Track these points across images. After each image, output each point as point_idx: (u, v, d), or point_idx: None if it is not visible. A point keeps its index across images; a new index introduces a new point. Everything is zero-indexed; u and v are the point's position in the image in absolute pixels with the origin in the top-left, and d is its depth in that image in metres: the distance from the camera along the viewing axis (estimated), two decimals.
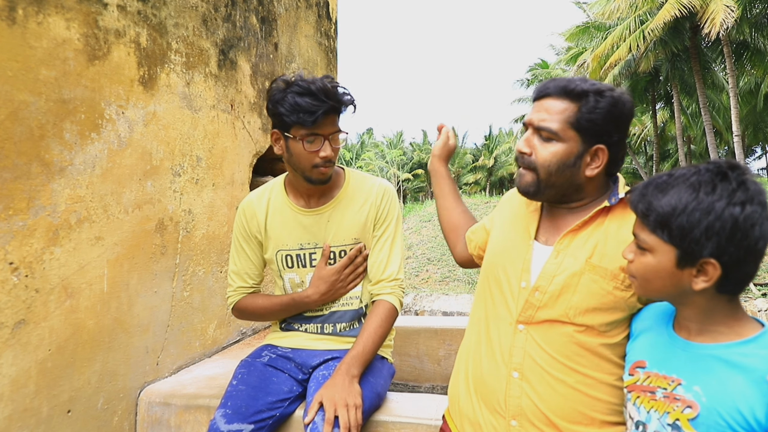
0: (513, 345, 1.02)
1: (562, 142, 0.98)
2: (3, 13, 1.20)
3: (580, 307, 0.97)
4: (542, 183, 1.01)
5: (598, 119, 0.96)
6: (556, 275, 1.00)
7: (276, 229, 1.44)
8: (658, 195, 0.81)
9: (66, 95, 1.37)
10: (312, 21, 2.86)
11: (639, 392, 0.88)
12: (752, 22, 13.09)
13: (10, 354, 1.23)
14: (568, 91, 0.98)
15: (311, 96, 1.27)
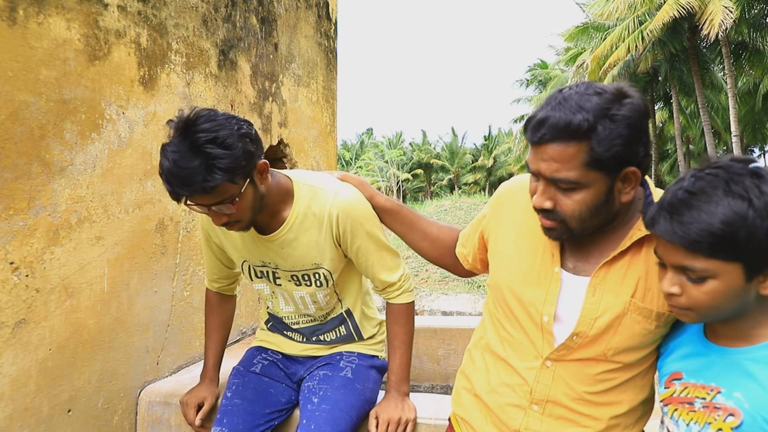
0: (537, 381, 0.94)
1: (586, 189, 0.83)
2: (4, 13, 1.20)
3: (619, 348, 0.90)
4: (576, 230, 0.88)
5: (618, 149, 0.80)
6: (598, 317, 0.89)
7: (236, 244, 1.31)
8: (705, 216, 0.71)
9: (66, 95, 1.37)
10: (312, 21, 2.86)
11: (676, 405, 0.84)
12: (751, 23, 13.09)
13: (11, 353, 1.22)
14: (572, 132, 0.80)
15: (165, 176, 1.01)
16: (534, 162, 0.86)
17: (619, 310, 0.89)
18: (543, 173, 0.85)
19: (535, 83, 26.83)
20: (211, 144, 1.00)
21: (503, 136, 40.82)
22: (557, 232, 0.90)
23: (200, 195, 1.03)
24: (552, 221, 0.88)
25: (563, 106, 0.82)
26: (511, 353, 0.99)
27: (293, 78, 2.66)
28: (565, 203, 0.85)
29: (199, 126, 1.00)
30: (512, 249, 1.00)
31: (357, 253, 1.29)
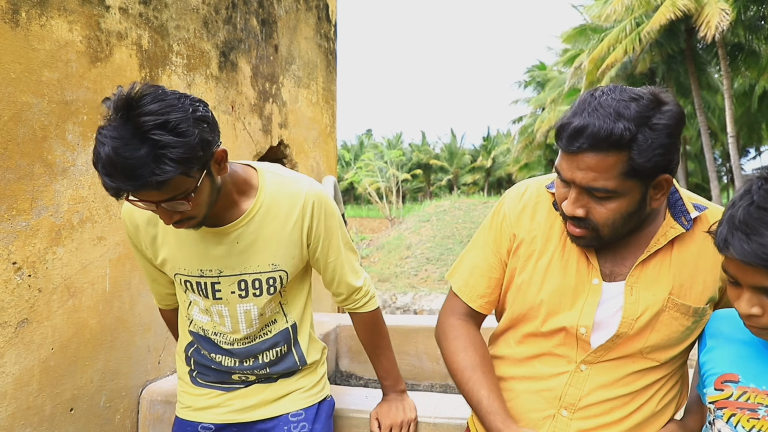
0: (569, 385, 0.91)
1: (621, 197, 0.81)
2: (6, 15, 1.20)
3: (656, 345, 0.89)
4: (606, 237, 0.86)
5: (658, 159, 0.78)
6: (639, 317, 0.88)
7: (169, 249, 1.07)
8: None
9: (68, 97, 1.37)
10: (312, 23, 2.86)
11: (734, 409, 0.80)
12: (747, 25, 13.12)
13: (14, 353, 1.23)
14: (613, 142, 0.76)
15: (102, 166, 0.82)
16: (569, 170, 0.81)
17: (658, 307, 0.88)
18: (579, 182, 0.81)
19: (533, 84, 26.85)
20: (160, 129, 0.81)
21: (502, 137, 40.86)
22: (587, 240, 0.87)
23: (148, 191, 0.84)
24: (582, 229, 0.86)
25: (599, 113, 0.77)
26: (537, 366, 0.94)
27: (293, 79, 2.66)
28: (599, 211, 0.83)
29: (145, 107, 0.81)
30: (544, 264, 0.93)
31: (327, 251, 1.14)
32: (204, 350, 1.17)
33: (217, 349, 1.16)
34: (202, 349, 1.18)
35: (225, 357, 1.16)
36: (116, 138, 0.80)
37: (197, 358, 1.20)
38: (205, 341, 1.17)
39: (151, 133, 0.80)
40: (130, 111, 0.81)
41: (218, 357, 1.17)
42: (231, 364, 1.16)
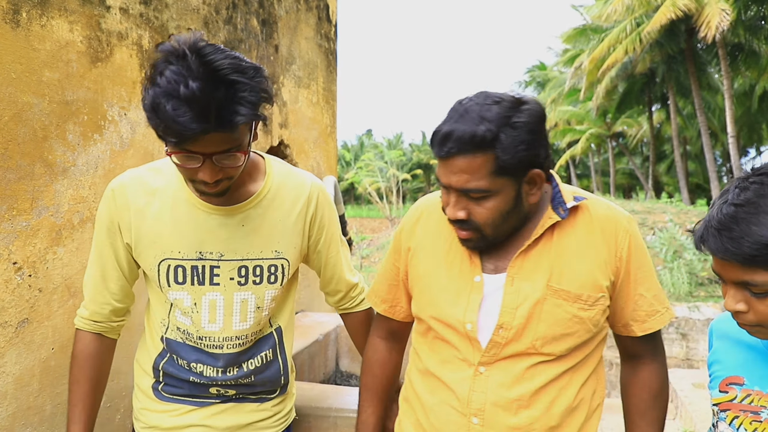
0: (472, 390, 0.92)
1: (496, 195, 0.86)
2: (7, 15, 1.20)
3: (547, 336, 0.90)
4: (491, 237, 0.90)
5: (522, 154, 0.83)
6: (519, 305, 0.90)
7: (162, 229, 0.99)
8: (756, 229, 0.68)
9: (69, 97, 1.37)
10: (312, 23, 2.86)
11: (737, 411, 0.80)
12: (747, 25, 13.10)
13: (14, 353, 1.23)
14: (477, 143, 0.82)
15: (179, 104, 0.78)
16: (444, 175, 0.87)
17: (538, 295, 0.90)
18: (454, 185, 0.86)
19: (533, 84, 26.85)
20: (237, 73, 0.81)
21: None
22: (474, 242, 0.91)
23: (221, 132, 0.82)
24: (468, 231, 0.90)
25: (465, 119, 0.83)
26: (443, 369, 0.96)
27: (294, 79, 2.66)
28: (479, 212, 0.87)
29: (219, 52, 0.81)
30: (431, 266, 0.99)
31: (329, 245, 1.12)
32: (182, 360, 1.05)
33: (201, 356, 1.04)
34: (179, 359, 1.05)
35: (208, 366, 1.05)
36: (197, 77, 0.78)
37: (171, 370, 1.06)
38: (186, 349, 1.04)
39: (230, 75, 0.80)
40: (203, 54, 0.80)
41: (199, 366, 1.05)
42: (213, 374, 1.05)
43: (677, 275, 7.84)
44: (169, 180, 1.00)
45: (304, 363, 2.17)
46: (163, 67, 0.81)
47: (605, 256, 0.92)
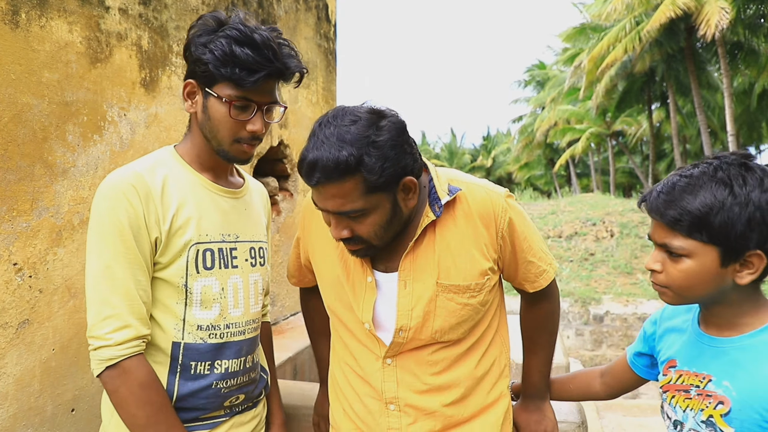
0: (383, 380, 0.99)
1: (374, 211, 0.89)
2: (6, 16, 1.20)
3: (444, 328, 0.97)
4: (379, 246, 0.95)
5: (389, 170, 0.85)
6: (413, 307, 0.96)
7: (189, 214, 0.97)
8: (687, 197, 0.76)
9: (68, 98, 1.37)
10: (311, 23, 2.86)
11: (673, 392, 0.86)
12: (746, 23, 13.08)
13: (15, 353, 1.23)
14: (342, 170, 0.83)
15: (254, 48, 0.91)
16: (320, 201, 0.90)
17: (430, 294, 0.96)
18: (331, 210, 0.89)
19: (533, 84, 26.81)
20: (280, 37, 1.01)
21: (501, 136, 40.85)
22: (363, 252, 0.95)
23: (275, 81, 1.00)
24: (355, 245, 0.94)
25: (326, 145, 0.84)
26: (360, 362, 1.03)
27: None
28: (361, 228, 0.91)
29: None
30: (327, 266, 1.06)
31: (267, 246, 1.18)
32: (202, 365, 0.98)
33: (225, 350, 1.00)
34: (198, 365, 0.97)
35: (233, 360, 1.02)
36: (262, 31, 0.94)
37: (186, 387, 0.97)
38: (208, 348, 0.98)
39: (278, 38, 0.97)
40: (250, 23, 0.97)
41: (224, 363, 1.00)
42: (237, 368, 1.02)
43: None
44: (171, 168, 0.99)
45: (304, 363, 2.17)
46: (217, 24, 0.95)
47: (487, 239, 0.98)
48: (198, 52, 0.94)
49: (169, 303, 0.96)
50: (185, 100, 1.00)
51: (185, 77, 1.00)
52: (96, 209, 0.92)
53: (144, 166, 0.98)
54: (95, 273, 0.90)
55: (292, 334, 2.35)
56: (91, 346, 0.90)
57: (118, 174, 0.95)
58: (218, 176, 1.05)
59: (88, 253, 0.91)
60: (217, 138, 0.98)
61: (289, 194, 2.69)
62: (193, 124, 1.02)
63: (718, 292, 0.79)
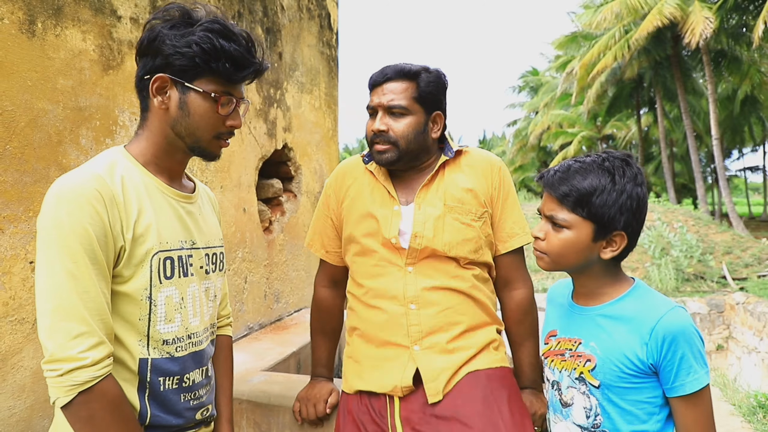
0: (405, 285, 1.14)
1: (411, 116, 1.13)
2: (23, 26, 1.21)
3: (451, 242, 1.14)
4: (402, 151, 1.14)
5: (432, 89, 1.14)
6: (426, 221, 1.15)
7: (149, 220, 0.85)
8: (578, 177, 0.88)
9: (82, 103, 1.37)
10: (314, 31, 2.86)
11: (552, 357, 0.98)
12: (729, 32, 13.10)
13: (31, 348, 1.23)
14: (406, 74, 1.13)
15: (239, 44, 0.87)
16: (377, 97, 1.15)
17: (439, 212, 1.15)
18: (384, 103, 1.13)
19: (527, 89, 26.82)
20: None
21: (497, 139, 40.86)
22: (389, 154, 1.14)
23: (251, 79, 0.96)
24: (386, 144, 1.14)
25: (398, 65, 1.16)
26: (379, 281, 1.16)
27: (297, 85, 2.66)
28: (396, 126, 1.13)
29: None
30: (360, 205, 1.22)
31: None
32: (170, 380, 0.87)
33: (190, 361, 0.91)
34: (166, 381, 0.87)
35: (197, 371, 0.92)
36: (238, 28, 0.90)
37: (157, 405, 0.86)
38: (175, 363, 0.88)
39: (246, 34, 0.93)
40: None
41: (192, 375, 0.91)
42: (201, 378, 0.93)
43: (665, 271, 7.84)
44: (126, 171, 0.86)
45: (307, 357, 2.18)
46: (187, 17, 0.87)
47: (483, 187, 1.19)
48: (177, 45, 0.84)
49: (131, 318, 0.83)
50: (153, 96, 0.86)
51: (146, 72, 0.86)
52: (53, 216, 0.76)
53: (101, 167, 0.83)
54: (58, 287, 0.75)
55: (296, 330, 2.35)
56: (57, 372, 0.73)
57: (76, 177, 0.79)
58: (173, 179, 0.94)
59: (44, 266, 0.76)
60: (196, 135, 0.89)
61: (293, 195, 2.69)
62: (155, 121, 0.89)
63: (585, 262, 0.91)
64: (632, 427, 0.87)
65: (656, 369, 0.85)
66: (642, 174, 0.91)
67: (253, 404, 1.60)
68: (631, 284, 0.93)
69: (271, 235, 2.45)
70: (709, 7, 12.41)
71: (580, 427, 0.92)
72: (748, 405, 3.47)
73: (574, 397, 0.92)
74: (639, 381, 0.86)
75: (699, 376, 0.83)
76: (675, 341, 0.83)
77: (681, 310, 0.86)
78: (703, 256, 8.58)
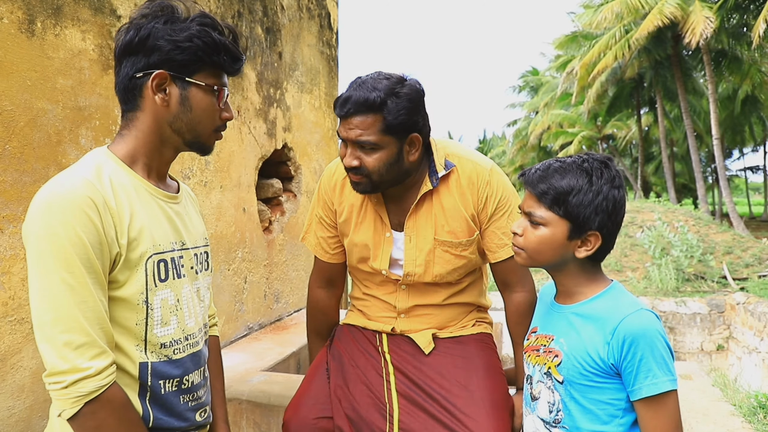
0: (397, 299, 1.24)
1: (382, 149, 1.08)
2: (23, 25, 1.20)
3: (442, 272, 1.19)
4: (377, 182, 1.11)
5: (403, 118, 1.06)
6: (417, 257, 1.18)
7: (142, 222, 0.83)
8: (557, 176, 0.90)
9: (81, 103, 1.37)
10: (314, 31, 2.86)
11: (530, 352, 1.01)
12: (730, 32, 13.07)
13: (31, 348, 1.23)
14: (369, 106, 1.04)
15: (233, 39, 0.88)
16: (344, 131, 1.09)
17: (429, 246, 1.18)
18: (351, 138, 1.08)
19: (527, 89, 26.80)
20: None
21: (497, 139, 40.85)
22: (363, 186, 1.12)
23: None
24: (359, 176, 1.11)
25: (362, 88, 1.06)
26: (377, 290, 1.26)
27: (297, 85, 2.66)
28: (368, 161, 1.08)
29: None
30: (358, 225, 1.23)
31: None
32: (170, 382, 0.87)
33: (189, 363, 0.90)
34: (166, 384, 0.86)
35: (195, 372, 0.92)
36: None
37: (159, 409, 0.85)
38: (175, 366, 0.87)
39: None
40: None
41: (191, 377, 0.90)
42: (199, 379, 0.93)
43: (665, 271, 7.84)
44: (114, 173, 0.83)
45: (306, 358, 2.18)
46: (171, 12, 0.85)
47: (472, 202, 1.18)
48: (178, 40, 0.82)
49: (128, 324, 0.82)
50: (154, 93, 0.84)
51: (138, 70, 0.83)
52: (45, 225, 0.73)
53: (89, 171, 0.80)
54: (55, 299, 0.73)
55: (295, 330, 2.35)
56: (61, 384, 0.72)
57: (65, 183, 0.77)
58: (159, 180, 0.91)
59: (39, 277, 0.73)
60: (197, 130, 0.88)
61: (292, 195, 2.69)
62: (147, 120, 0.86)
63: (561, 260, 0.93)
64: (592, 427, 0.88)
65: (618, 370, 0.86)
66: (620, 177, 0.93)
67: (253, 404, 1.60)
68: (607, 285, 0.94)
69: (270, 235, 2.45)
70: (710, 6, 12.38)
71: (543, 420, 0.94)
72: (749, 405, 3.46)
73: (541, 392, 0.95)
74: (601, 380, 0.87)
75: (659, 380, 0.83)
76: (635, 343, 0.84)
77: (647, 313, 0.87)
78: (704, 256, 8.58)
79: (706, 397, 3.62)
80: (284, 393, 1.59)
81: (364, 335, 1.28)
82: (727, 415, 3.21)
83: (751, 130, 19.53)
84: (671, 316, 6.48)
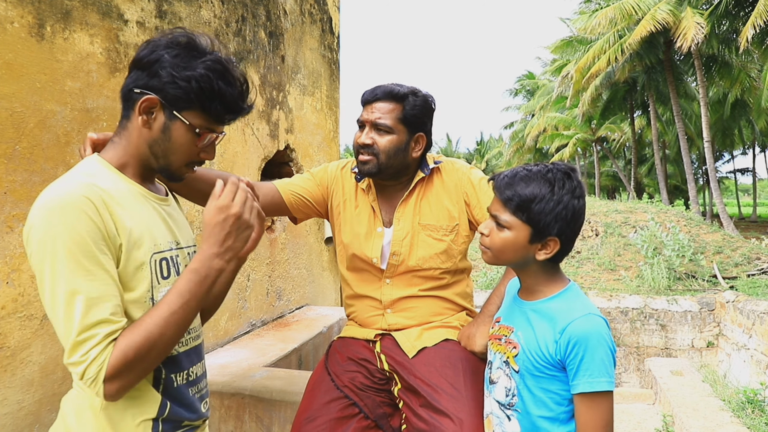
0: (383, 293, 1.32)
1: (395, 134, 1.23)
2: (33, 29, 1.21)
3: (424, 257, 1.28)
4: (383, 164, 1.24)
5: (417, 112, 1.24)
6: (402, 238, 1.29)
7: (142, 222, 0.86)
8: (522, 184, 0.95)
9: (90, 105, 1.37)
10: (316, 35, 2.86)
11: (493, 340, 1.07)
12: (720, 38, 13.08)
13: (39, 343, 1.23)
14: (394, 96, 1.23)
15: (234, 88, 0.87)
16: (366, 114, 1.25)
17: (410, 229, 1.28)
18: (370, 120, 1.24)
19: (523, 92, 26.81)
20: None
21: (494, 141, 40.86)
22: (370, 166, 1.24)
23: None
24: (369, 156, 1.24)
25: (388, 84, 1.26)
26: (364, 287, 1.33)
27: (299, 87, 2.66)
28: (380, 141, 1.23)
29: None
30: (353, 218, 1.34)
31: None
32: (180, 374, 0.90)
33: (192, 355, 0.93)
34: (177, 377, 0.89)
35: (197, 365, 0.94)
36: (236, 64, 0.91)
37: (174, 402, 0.87)
38: (181, 358, 0.90)
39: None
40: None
41: (194, 369, 0.93)
42: (200, 371, 0.96)
43: (657, 270, 7.85)
44: (108, 178, 0.85)
45: (309, 354, 2.18)
46: (190, 47, 0.86)
47: (455, 197, 1.31)
48: (177, 76, 0.83)
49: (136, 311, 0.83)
50: (138, 114, 0.85)
51: (137, 86, 0.84)
52: (47, 228, 0.74)
53: (84, 176, 0.82)
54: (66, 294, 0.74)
55: (297, 327, 2.35)
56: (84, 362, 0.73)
57: (62, 187, 0.78)
58: (151, 184, 0.94)
59: (51, 279, 0.74)
60: (169, 159, 0.89)
61: None
62: (133, 134, 0.88)
63: (523, 260, 0.99)
64: (540, 412, 0.95)
65: (564, 365, 0.93)
66: (582, 187, 0.97)
67: (256, 399, 1.61)
68: (564, 286, 0.99)
69: (273, 234, 2.45)
70: (701, 12, 12.40)
71: (498, 402, 1.01)
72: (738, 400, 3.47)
73: (500, 378, 1.01)
74: (550, 373, 0.94)
75: (595, 380, 0.89)
76: (578, 344, 0.90)
77: (594, 317, 0.92)
78: (695, 255, 8.58)
79: (697, 393, 3.63)
80: (286, 388, 1.60)
81: (358, 342, 1.34)
82: (717, 410, 3.23)
83: (741, 133, 19.57)
84: (663, 313, 6.49)
